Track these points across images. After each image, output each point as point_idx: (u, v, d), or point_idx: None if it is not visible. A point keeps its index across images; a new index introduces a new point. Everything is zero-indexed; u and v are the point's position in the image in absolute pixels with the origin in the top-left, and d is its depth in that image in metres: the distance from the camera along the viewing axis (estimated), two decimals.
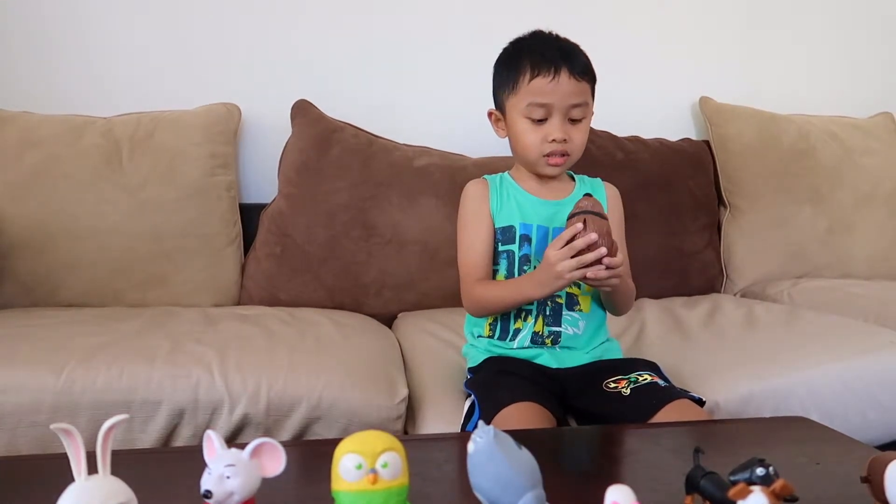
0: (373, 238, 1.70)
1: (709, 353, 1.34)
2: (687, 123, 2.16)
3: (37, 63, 1.77)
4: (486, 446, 0.59)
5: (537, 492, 0.60)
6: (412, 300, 1.71)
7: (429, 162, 1.78)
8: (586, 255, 1.00)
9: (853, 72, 2.30)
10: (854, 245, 2.03)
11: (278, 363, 1.17)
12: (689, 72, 2.15)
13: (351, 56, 1.92)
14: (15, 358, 1.12)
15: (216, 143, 1.70)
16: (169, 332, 1.28)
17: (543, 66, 1.11)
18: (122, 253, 1.58)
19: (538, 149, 1.13)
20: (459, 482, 0.67)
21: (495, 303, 1.14)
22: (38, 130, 1.61)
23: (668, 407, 1.00)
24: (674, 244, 1.89)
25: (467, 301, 1.17)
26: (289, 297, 1.66)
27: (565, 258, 1.01)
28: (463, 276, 1.18)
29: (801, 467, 0.77)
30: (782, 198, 2.00)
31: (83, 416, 1.06)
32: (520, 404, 1.00)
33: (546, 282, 1.05)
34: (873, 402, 1.25)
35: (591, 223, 1.00)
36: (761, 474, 0.57)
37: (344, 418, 1.12)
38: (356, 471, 0.54)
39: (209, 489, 0.53)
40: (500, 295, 1.14)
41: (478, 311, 1.18)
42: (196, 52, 1.85)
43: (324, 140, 1.73)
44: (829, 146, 2.08)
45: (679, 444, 0.87)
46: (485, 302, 1.15)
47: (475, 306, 1.17)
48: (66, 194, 1.57)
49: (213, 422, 1.10)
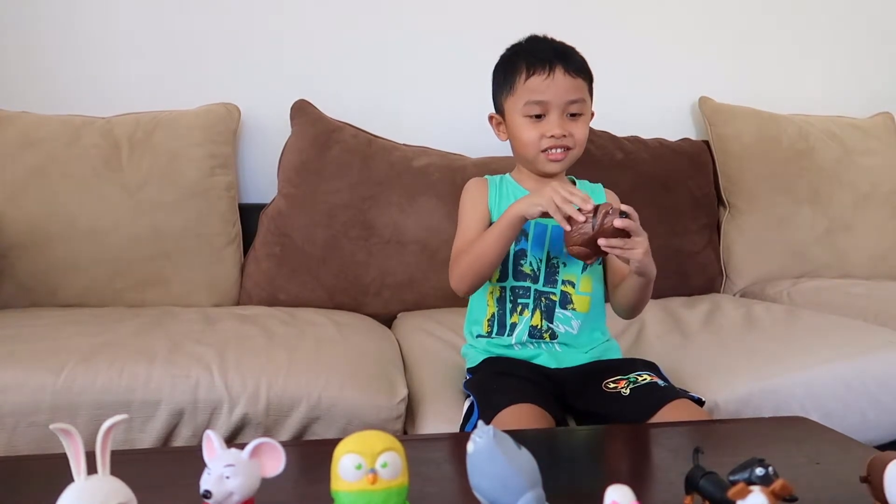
0: (372, 238, 1.70)
1: (708, 353, 1.34)
2: (686, 123, 2.16)
3: (35, 63, 1.77)
4: (486, 446, 0.59)
5: (537, 492, 0.60)
6: (412, 300, 1.71)
7: (428, 162, 1.78)
8: (573, 197, 0.99)
9: (853, 72, 2.30)
10: (853, 245, 2.03)
11: (278, 363, 1.17)
12: (689, 72, 2.15)
13: (350, 56, 1.93)
14: (14, 358, 1.12)
15: (215, 143, 1.70)
16: (168, 332, 1.28)
17: (538, 64, 1.13)
18: (122, 253, 1.57)
19: (536, 145, 1.14)
20: (459, 482, 0.67)
21: (477, 247, 1.09)
22: (37, 131, 1.61)
23: (667, 407, 1.00)
24: (673, 244, 1.89)
25: (453, 271, 1.14)
26: (288, 297, 1.66)
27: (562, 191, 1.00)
28: (453, 255, 1.16)
29: (801, 467, 0.77)
30: (782, 198, 2.00)
31: (82, 417, 1.06)
32: (518, 406, 1.00)
33: (532, 196, 1.04)
34: (873, 401, 1.25)
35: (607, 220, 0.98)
36: (761, 474, 0.57)
37: (343, 418, 1.12)
38: (356, 471, 0.54)
39: (209, 489, 0.53)
40: (481, 237, 1.10)
41: (463, 274, 1.12)
42: (195, 52, 1.85)
43: (323, 140, 1.73)
44: (829, 146, 2.08)
45: (678, 444, 0.87)
46: (470, 254, 1.10)
47: (460, 268, 1.12)
48: (66, 195, 1.56)
49: (212, 422, 1.10)
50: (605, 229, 0.98)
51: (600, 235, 0.98)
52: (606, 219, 0.98)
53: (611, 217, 0.98)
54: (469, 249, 1.12)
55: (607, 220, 0.98)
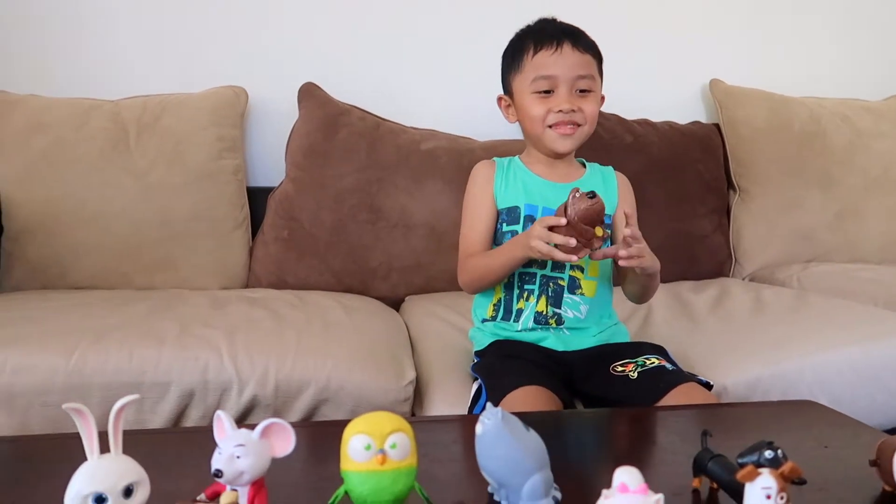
0: (380, 221, 1.70)
1: (717, 337, 1.34)
2: (697, 106, 2.14)
3: (43, 45, 1.77)
4: (495, 428, 0.59)
5: (545, 473, 0.60)
6: (419, 283, 1.71)
7: (436, 145, 1.77)
8: (554, 235, 0.98)
9: (866, 54, 2.27)
10: (864, 229, 2.01)
11: (286, 346, 1.17)
12: (700, 54, 2.12)
13: (358, 38, 1.91)
14: (26, 340, 1.13)
15: (223, 126, 1.69)
16: (177, 314, 1.29)
17: (546, 40, 1.13)
18: (130, 236, 1.58)
19: (544, 120, 1.13)
20: (467, 463, 0.67)
21: (486, 265, 1.13)
22: (46, 114, 1.61)
23: (675, 390, 1.00)
24: (682, 228, 1.88)
25: (462, 274, 1.18)
26: (296, 280, 1.67)
27: (542, 228, 1.00)
28: (461, 251, 1.19)
29: (809, 451, 0.77)
30: (792, 181, 1.98)
31: (94, 398, 1.07)
32: (526, 388, 1.00)
33: (522, 241, 1.05)
34: (881, 386, 1.25)
35: (573, 209, 0.98)
36: (770, 457, 0.57)
37: (352, 400, 1.13)
38: (365, 451, 0.55)
39: (220, 468, 0.53)
40: (490, 257, 1.13)
41: (471, 281, 1.17)
42: (203, 34, 1.84)
43: (331, 123, 1.72)
44: (841, 129, 2.06)
45: (687, 428, 0.87)
46: (479, 268, 1.14)
47: (468, 276, 1.17)
48: (74, 178, 1.57)
49: (222, 403, 1.11)
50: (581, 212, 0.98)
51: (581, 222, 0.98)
52: (577, 204, 0.98)
53: (578, 199, 0.97)
54: (477, 263, 1.15)
55: (577, 204, 0.97)
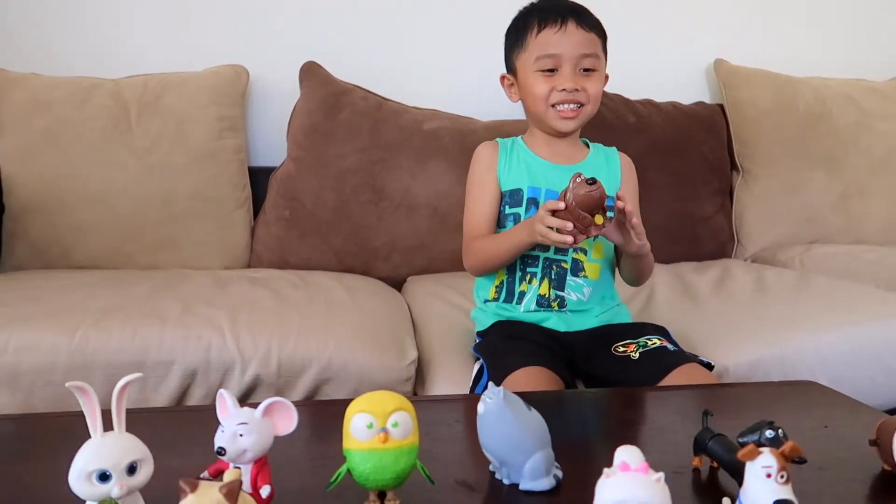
0: (382, 202, 1.70)
1: (718, 318, 1.34)
2: (701, 86, 2.12)
3: (43, 24, 1.76)
4: (496, 407, 0.60)
5: (546, 452, 0.60)
6: (422, 264, 1.71)
7: (438, 125, 1.76)
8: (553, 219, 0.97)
9: (872, 34, 2.24)
10: (867, 211, 2.01)
11: (289, 325, 1.17)
12: (704, 33, 2.10)
13: (360, 17, 1.89)
14: (29, 319, 1.13)
15: (224, 105, 1.69)
16: (180, 294, 1.29)
17: (550, 18, 1.11)
18: (132, 216, 1.58)
19: (547, 99, 1.12)
20: (469, 442, 0.68)
21: (492, 249, 1.13)
22: (47, 93, 1.60)
23: (676, 371, 1.01)
24: (685, 209, 1.87)
25: (467, 256, 1.18)
26: (298, 260, 1.67)
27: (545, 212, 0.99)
28: (465, 234, 1.18)
29: (810, 430, 0.78)
30: (796, 163, 1.97)
31: (97, 376, 1.07)
32: (528, 368, 1.00)
33: (528, 226, 1.04)
34: (882, 366, 1.25)
35: (572, 194, 0.96)
36: (770, 436, 0.57)
37: (354, 380, 1.13)
38: (367, 430, 0.55)
39: (223, 446, 0.54)
40: (496, 241, 1.13)
41: (476, 264, 1.17)
42: (203, 12, 1.82)
43: (332, 103, 1.71)
44: (846, 110, 2.04)
45: (688, 407, 0.88)
46: (484, 251, 1.14)
47: (473, 259, 1.16)
48: (76, 157, 1.56)
49: (224, 382, 1.11)
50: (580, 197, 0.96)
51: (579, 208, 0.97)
52: (576, 189, 0.96)
53: (578, 185, 0.96)
54: (483, 246, 1.14)
55: (576, 189, 0.96)
